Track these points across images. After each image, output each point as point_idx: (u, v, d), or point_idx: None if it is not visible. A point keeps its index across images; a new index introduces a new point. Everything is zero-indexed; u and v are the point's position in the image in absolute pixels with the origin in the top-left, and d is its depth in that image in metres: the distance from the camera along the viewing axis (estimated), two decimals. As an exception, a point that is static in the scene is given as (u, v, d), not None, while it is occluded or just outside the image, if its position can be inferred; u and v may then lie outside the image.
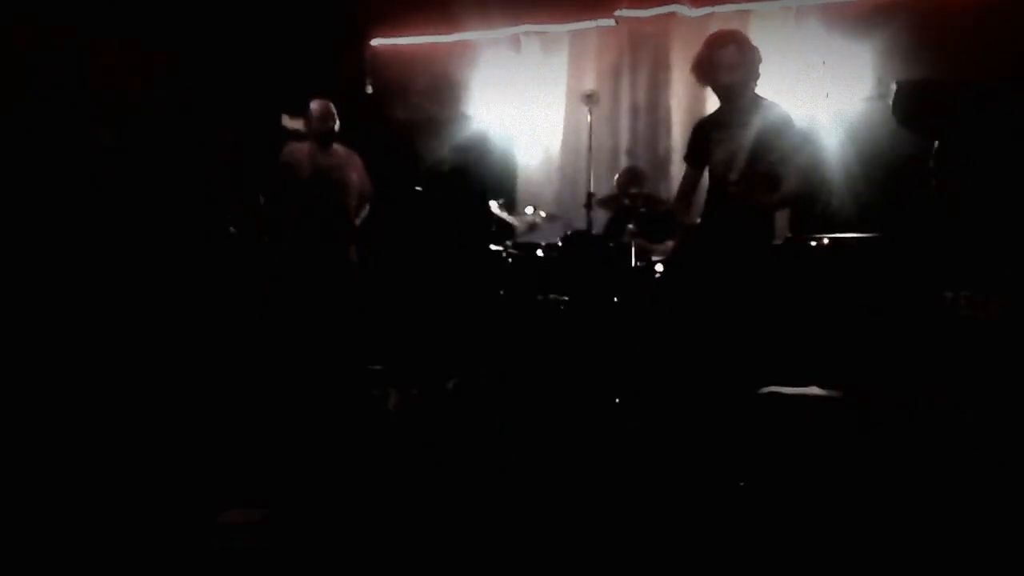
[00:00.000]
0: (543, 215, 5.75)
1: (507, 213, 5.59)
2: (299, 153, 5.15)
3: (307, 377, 4.61)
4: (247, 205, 4.70)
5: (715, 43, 3.75)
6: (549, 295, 5.41)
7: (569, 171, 6.41)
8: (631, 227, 5.20)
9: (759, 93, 3.77)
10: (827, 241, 4.46)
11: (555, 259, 5.50)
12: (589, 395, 4.88)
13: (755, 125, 3.59)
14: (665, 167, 6.22)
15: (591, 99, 5.38)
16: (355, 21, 6.90)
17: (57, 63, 5.08)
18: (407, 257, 4.30)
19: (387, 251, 4.53)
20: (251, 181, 4.78)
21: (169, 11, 5.62)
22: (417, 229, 4.31)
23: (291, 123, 5.18)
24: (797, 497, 3.12)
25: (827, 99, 5.17)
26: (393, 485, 3.47)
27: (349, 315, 5.16)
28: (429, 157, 5.99)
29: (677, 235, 4.06)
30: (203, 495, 3.09)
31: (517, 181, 6.65)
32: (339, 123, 5.17)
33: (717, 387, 3.98)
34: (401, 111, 6.62)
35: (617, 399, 4.82)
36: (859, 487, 3.06)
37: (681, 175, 4.11)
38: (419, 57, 6.92)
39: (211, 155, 5.34)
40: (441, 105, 6.16)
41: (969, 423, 2.59)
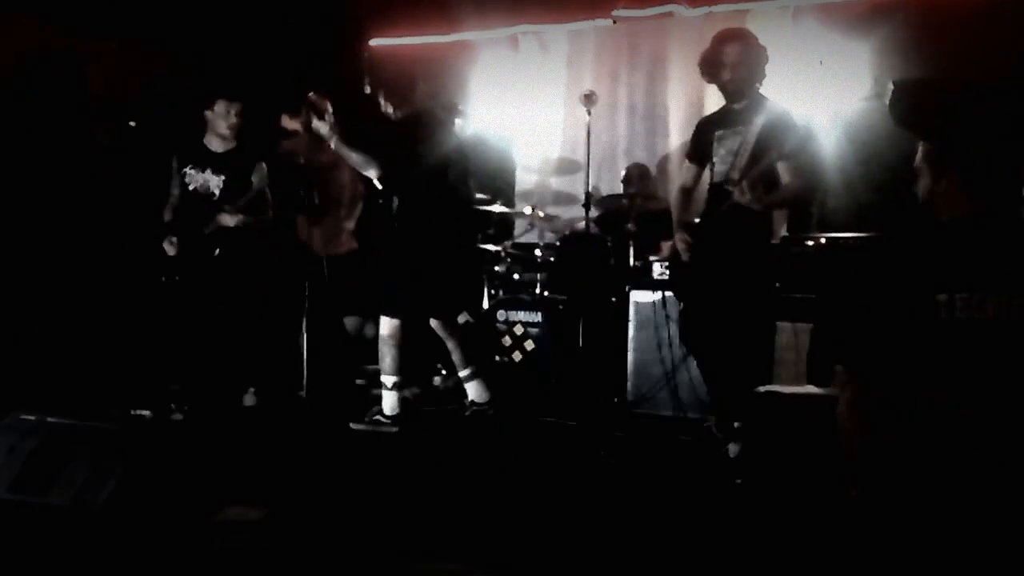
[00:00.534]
0: (541, 215, 5.76)
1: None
2: (292, 150, 5.12)
3: (304, 375, 4.60)
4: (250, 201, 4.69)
5: (721, 40, 3.76)
6: (548, 294, 5.43)
7: (567, 171, 6.42)
8: (629, 226, 5.21)
9: (762, 92, 3.79)
10: (824, 241, 4.47)
11: (553, 258, 5.52)
12: (588, 394, 4.89)
13: (758, 124, 3.60)
14: (663, 166, 6.22)
15: (589, 99, 5.39)
16: (353, 21, 6.90)
17: (56, 64, 5.08)
18: (403, 256, 4.29)
19: (383, 249, 4.51)
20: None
21: (169, 12, 5.62)
22: (415, 228, 4.30)
23: (290, 123, 5.16)
24: (794, 496, 3.12)
25: (823, 83, 5.17)
26: (393, 484, 3.47)
27: (342, 313, 5.15)
28: (427, 157, 5.99)
29: (675, 232, 4.07)
30: (200, 493, 3.09)
31: (515, 181, 6.66)
32: (335, 120, 5.13)
33: (714, 386, 4.00)
34: (399, 111, 6.61)
35: (616, 399, 4.83)
36: (859, 487, 3.06)
37: (680, 174, 4.12)
38: (417, 57, 6.92)
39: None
40: (439, 105, 6.14)
41: (967, 423, 2.60)
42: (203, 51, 5.84)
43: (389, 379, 4.29)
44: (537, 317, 5.16)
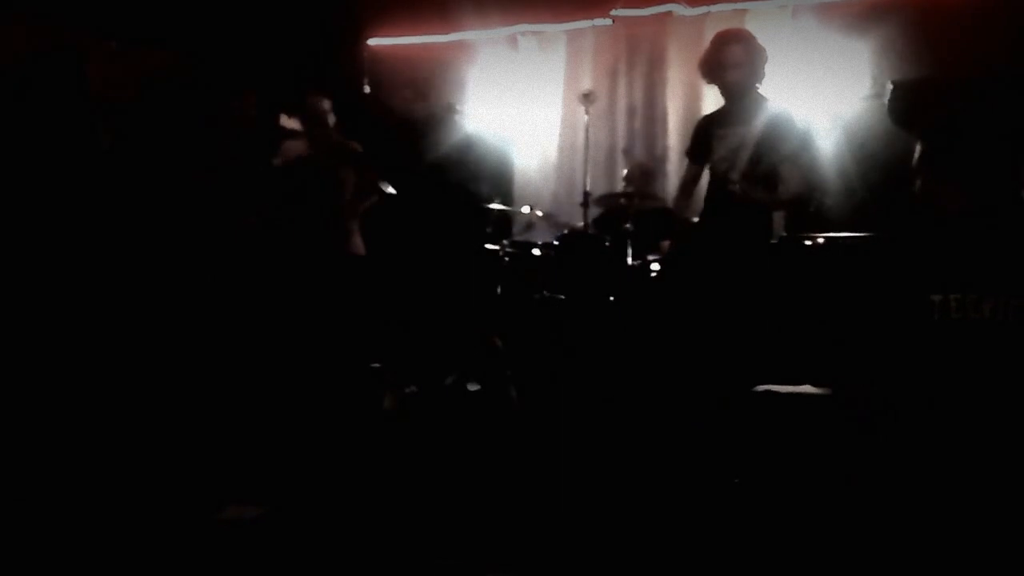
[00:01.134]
0: (540, 214, 5.76)
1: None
2: (294, 150, 5.11)
3: (306, 374, 4.61)
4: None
5: (722, 41, 3.77)
6: (546, 294, 5.43)
7: (566, 170, 6.42)
8: (628, 226, 5.21)
9: (761, 92, 3.80)
10: (822, 240, 4.47)
11: (552, 258, 5.52)
12: (587, 394, 4.89)
13: (758, 124, 3.62)
14: (662, 166, 6.23)
15: (588, 98, 5.38)
16: (352, 21, 6.90)
17: (56, 64, 5.08)
18: (406, 254, 4.30)
19: (386, 248, 4.52)
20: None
21: (169, 12, 5.62)
22: (415, 226, 4.31)
23: (289, 123, 5.16)
24: (792, 495, 3.13)
25: (822, 92, 5.18)
26: (393, 484, 3.48)
27: (345, 312, 5.13)
28: (427, 156, 6.00)
29: (673, 233, 4.08)
30: (202, 491, 3.10)
31: (514, 180, 6.67)
32: (335, 119, 5.12)
33: (713, 385, 4.00)
34: (398, 110, 6.63)
35: (614, 398, 4.83)
36: (855, 486, 3.07)
37: (678, 173, 4.13)
38: (416, 57, 6.93)
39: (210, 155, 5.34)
40: (438, 105, 6.16)
41: (965, 422, 2.60)
42: (203, 51, 5.84)
43: (389, 377, 4.30)
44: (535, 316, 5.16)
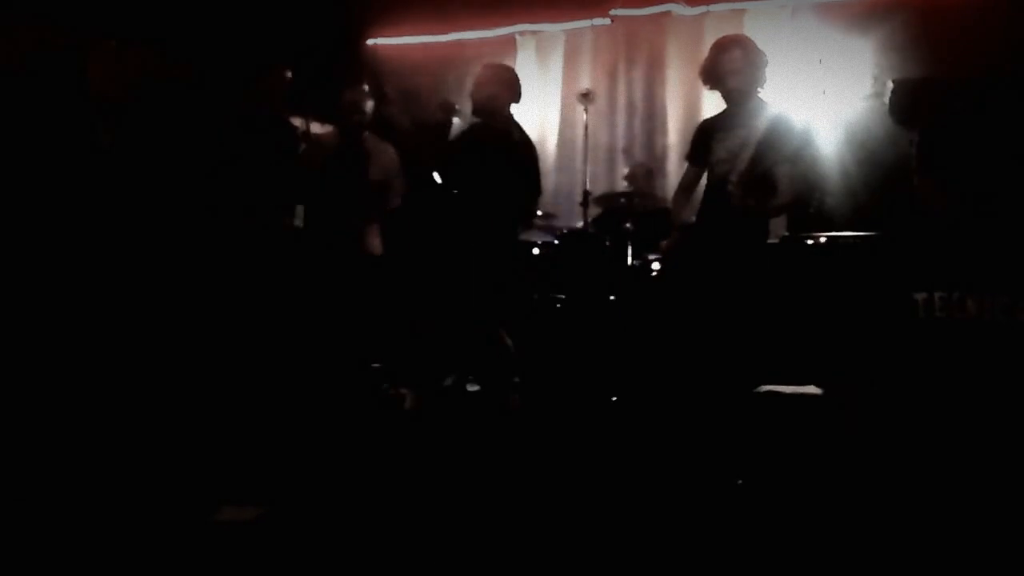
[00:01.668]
0: (539, 213, 5.75)
1: None
2: (320, 145, 5.00)
3: (315, 374, 4.60)
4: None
5: (721, 48, 3.78)
6: (545, 293, 5.43)
7: (565, 170, 6.42)
8: (628, 226, 5.21)
9: (761, 97, 3.80)
10: (824, 240, 4.48)
11: (551, 257, 5.52)
12: (586, 394, 4.89)
13: (758, 128, 3.62)
14: (662, 165, 6.23)
15: (587, 98, 5.39)
16: (352, 21, 6.90)
17: (56, 64, 5.07)
18: (427, 253, 4.29)
19: (407, 247, 4.50)
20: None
21: (169, 12, 5.61)
22: (438, 225, 4.30)
23: (309, 126, 5.14)
24: (794, 495, 3.13)
25: (824, 97, 5.18)
26: (393, 484, 3.47)
27: (354, 312, 5.08)
28: (425, 156, 5.99)
29: (672, 233, 4.08)
30: (199, 492, 3.10)
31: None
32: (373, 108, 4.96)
33: (714, 385, 4.00)
34: (398, 110, 6.62)
35: (614, 398, 4.83)
36: (855, 486, 3.07)
37: (678, 173, 4.13)
38: (416, 57, 6.93)
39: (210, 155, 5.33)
40: (437, 104, 6.15)
41: (964, 421, 2.61)
42: (203, 51, 5.84)
43: (401, 377, 4.31)
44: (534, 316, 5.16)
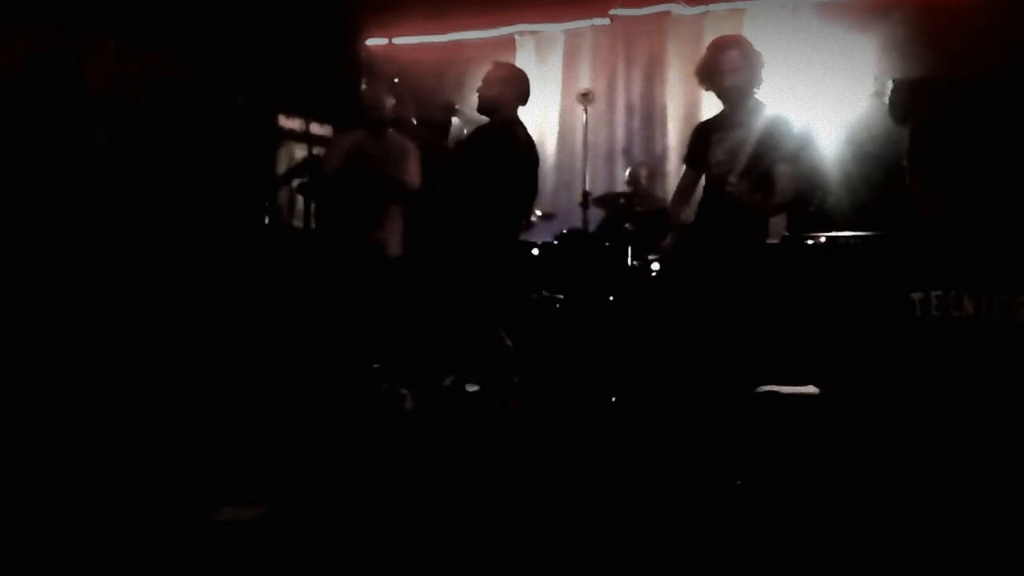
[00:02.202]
0: (539, 213, 5.75)
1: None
2: (341, 143, 4.94)
3: (317, 375, 4.59)
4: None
5: (719, 47, 3.77)
6: (546, 294, 5.42)
7: (565, 170, 6.42)
8: (628, 226, 5.21)
9: (758, 97, 3.80)
10: (824, 240, 4.47)
11: (551, 257, 5.51)
12: (586, 393, 4.88)
13: (755, 129, 3.61)
14: (661, 165, 6.23)
15: (587, 98, 5.38)
16: (351, 21, 6.90)
17: (56, 64, 5.07)
18: (436, 253, 4.28)
19: (420, 247, 4.50)
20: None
21: (168, 12, 5.61)
22: (443, 225, 4.29)
23: (287, 123, 5.14)
24: (794, 496, 3.13)
25: (824, 97, 5.18)
26: (393, 484, 3.47)
27: (366, 313, 5.06)
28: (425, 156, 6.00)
29: (671, 234, 4.07)
30: (199, 492, 3.09)
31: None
32: (390, 110, 4.85)
33: (714, 386, 3.99)
34: (397, 110, 6.62)
35: (614, 398, 4.83)
36: (856, 486, 3.07)
37: (677, 173, 4.12)
38: (415, 57, 6.93)
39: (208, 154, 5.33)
40: (436, 105, 6.16)
41: (964, 421, 2.60)
42: (202, 51, 5.84)
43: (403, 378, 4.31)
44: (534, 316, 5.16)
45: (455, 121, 5.22)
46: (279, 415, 4.60)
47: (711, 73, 3.77)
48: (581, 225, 5.55)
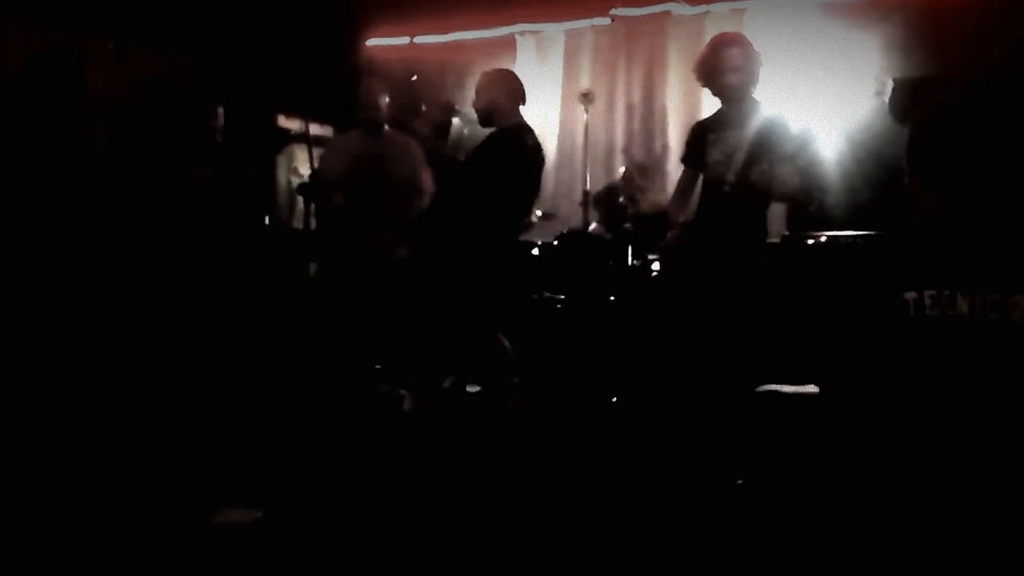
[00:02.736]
0: (539, 213, 5.75)
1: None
2: (342, 143, 4.93)
3: (317, 376, 4.59)
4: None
5: (719, 45, 3.77)
6: (546, 294, 5.42)
7: (565, 170, 6.41)
8: (627, 226, 5.20)
9: (755, 97, 3.80)
10: (824, 239, 4.47)
11: (551, 257, 5.51)
12: (586, 394, 4.88)
13: (753, 127, 3.61)
14: (661, 165, 6.22)
15: (587, 98, 5.38)
16: (351, 21, 6.90)
17: (55, 64, 5.07)
18: (439, 255, 4.28)
19: (425, 249, 4.49)
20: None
21: (168, 12, 5.61)
22: (446, 226, 4.29)
23: (287, 123, 5.14)
24: (795, 496, 3.12)
25: (824, 96, 5.18)
26: (392, 485, 3.47)
27: (368, 316, 5.05)
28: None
29: (671, 233, 4.07)
30: (199, 493, 3.09)
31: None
32: (385, 109, 4.85)
33: (714, 385, 3.99)
34: (397, 111, 6.62)
35: (614, 398, 4.82)
36: (856, 486, 3.06)
37: (677, 173, 4.12)
38: (415, 57, 6.92)
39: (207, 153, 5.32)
40: (436, 105, 6.16)
41: (964, 421, 2.60)
42: (202, 52, 5.84)
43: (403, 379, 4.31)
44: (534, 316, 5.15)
45: (455, 121, 5.21)
46: (279, 416, 4.60)
47: (711, 70, 3.77)
48: (581, 225, 5.54)
